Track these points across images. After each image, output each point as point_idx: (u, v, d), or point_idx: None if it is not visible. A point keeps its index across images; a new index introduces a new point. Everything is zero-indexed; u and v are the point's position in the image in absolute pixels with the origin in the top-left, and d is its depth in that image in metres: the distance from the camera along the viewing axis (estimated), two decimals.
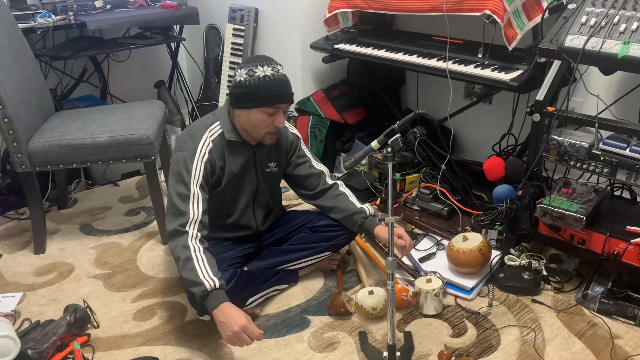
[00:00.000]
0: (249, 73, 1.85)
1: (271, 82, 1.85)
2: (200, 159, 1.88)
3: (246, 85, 1.85)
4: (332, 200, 2.12)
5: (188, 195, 1.84)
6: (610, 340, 1.84)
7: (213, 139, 1.93)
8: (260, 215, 2.12)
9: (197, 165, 1.87)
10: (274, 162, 2.09)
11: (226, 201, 2.02)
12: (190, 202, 1.84)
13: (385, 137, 1.81)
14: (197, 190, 1.85)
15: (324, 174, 2.16)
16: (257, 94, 1.85)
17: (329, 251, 2.16)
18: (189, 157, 1.88)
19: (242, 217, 2.07)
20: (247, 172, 2.02)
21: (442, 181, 2.65)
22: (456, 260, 2.14)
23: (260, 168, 2.05)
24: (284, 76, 1.90)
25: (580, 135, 2.01)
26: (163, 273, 2.29)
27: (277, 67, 1.89)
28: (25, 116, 2.33)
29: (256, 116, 1.88)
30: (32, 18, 2.81)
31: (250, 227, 2.11)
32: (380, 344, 1.85)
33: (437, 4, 2.36)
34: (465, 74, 2.39)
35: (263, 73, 1.85)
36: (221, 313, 1.70)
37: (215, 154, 1.92)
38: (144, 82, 3.58)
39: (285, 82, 1.91)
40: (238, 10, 3.33)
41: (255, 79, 1.84)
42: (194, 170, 1.86)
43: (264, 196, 2.10)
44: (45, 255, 2.44)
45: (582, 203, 2.03)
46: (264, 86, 1.84)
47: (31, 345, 1.76)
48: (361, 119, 3.14)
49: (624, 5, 1.84)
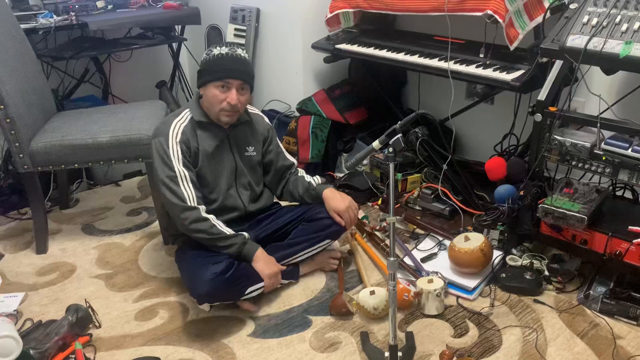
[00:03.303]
0: (207, 52, 2.00)
1: (223, 58, 1.97)
2: (174, 139, 1.98)
3: (203, 63, 2.00)
4: (292, 185, 2.24)
5: (176, 176, 1.95)
6: (613, 340, 1.84)
7: (184, 124, 2.03)
8: (246, 195, 2.16)
9: (172, 146, 1.97)
10: (252, 147, 2.17)
11: (208, 183, 2.07)
12: (181, 183, 1.96)
13: (386, 137, 1.81)
14: (182, 169, 1.97)
15: (294, 165, 2.29)
16: (210, 69, 1.98)
17: (329, 239, 2.18)
18: (164, 140, 1.98)
19: (226, 198, 2.11)
20: (222, 152, 2.09)
21: (444, 181, 2.64)
22: (458, 261, 2.14)
23: (236, 149, 2.13)
24: (239, 55, 1.99)
25: (582, 135, 2.01)
26: (165, 273, 2.29)
27: (235, 48, 1.99)
28: (27, 116, 2.33)
29: (210, 91, 1.98)
30: (34, 18, 2.81)
31: (237, 207, 2.14)
32: (381, 344, 1.85)
33: (439, 4, 2.36)
34: (466, 73, 2.39)
35: (218, 51, 1.98)
36: (262, 256, 2.00)
37: (189, 135, 2.02)
38: (146, 82, 3.59)
39: (239, 60, 1.99)
40: (239, 10, 3.33)
41: (210, 57, 1.98)
42: (172, 152, 1.97)
43: (245, 177, 2.15)
44: (47, 255, 2.44)
45: (584, 203, 2.02)
46: (216, 62, 1.97)
47: (33, 345, 1.76)
48: (363, 119, 3.14)
49: (626, 5, 1.84)
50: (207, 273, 1.86)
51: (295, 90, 3.21)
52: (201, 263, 1.92)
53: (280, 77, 3.34)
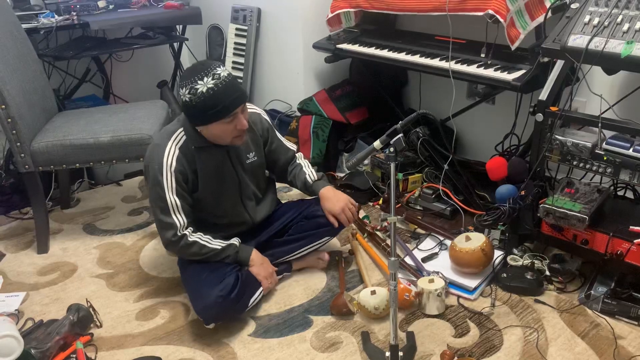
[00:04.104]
0: (191, 92, 1.78)
1: (216, 94, 1.77)
2: (168, 169, 1.87)
3: (193, 105, 1.79)
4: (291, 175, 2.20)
5: (167, 207, 1.89)
6: (614, 340, 1.84)
7: (180, 146, 1.90)
8: (252, 207, 2.14)
9: (166, 176, 1.87)
10: (252, 152, 2.08)
11: (211, 202, 2.02)
12: (172, 213, 1.90)
13: (387, 137, 1.81)
14: (175, 198, 1.89)
15: (294, 152, 2.23)
16: (207, 110, 1.79)
17: (327, 236, 2.19)
18: (158, 169, 1.87)
19: (234, 215, 2.09)
20: (224, 171, 2.01)
21: (445, 181, 2.64)
22: (459, 260, 2.14)
23: (238, 163, 2.04)
24: (227, 80, 1.80)
25: (583, 135, 2.01)
26: (166, 273, 2.29)
27: (218, 73, 1.79)
28: (29, 116, 2.33)
29: (216, 128, 1.86)
30: (36, 18, 2.82)
31: (245, 222, 2.12)
32: (382, 344, 1.85)
33: (440, 3, 2.36)
34: (468, 73, 2.38)
35: (205, 87, 1.77)
36: (257, 259, 2.03)
37: (184, 161, 1.90)
38: (147, 82, 3.59)
39: (231, 85, 1.81)
40: (241, 10, 3.33)
41: (199, 96, 1.77)
42: (165, 182, 1.87)
43: (249, 188, 2.11)
44: (48, 255, 2.44)
45: (585, 203, 2.02)
46: (211, 100, 1.77)
47: (34, 344, 1.77)
48: (364, 119, 3.14)
49: (627, 4, 1.84)
50: (213, 295, 1.84)
51: (296, 90, 3.21)
52: (207, 281, 1.89)
53: (281, 77, 3.34)
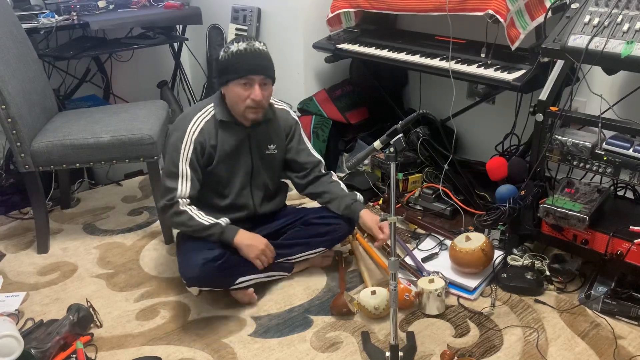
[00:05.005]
0: (225, 50, 1.95)
1: (242, 55, 1.91)
2: (190, 137, 1.96)
3: (222, 62, 1.95)
4: (324, 186, 2.18)
5: (177, 173, 1.95)
6: (614, 340, 1.84)
7: (206, 119, 2.00)
8: (259, 196, 2.15)
9: (186, 144, 1.95)
10: (274, 145, 2.12)
11: (222, 181, 2.06)
12: (179, 179, 1.95)
13: (387, 137, 1.81)
14: (187, 168, 1.95)
15: (322, 163, 2.22)
16: (230, 67, 1.92)
17: (323, 247, 2.18)
18: (180, 136, 1.97)
19: (239, 197, 2.10)
20: (241, 152, 2.06)
21: (445, 181, 2.64)
22: (459, 260, 2.14)
23: (256, 149, 2.08)
24: (258, 49, 1.93)
25: (584, 135, 2.01)
26: (166, 273, 2.29)
27: (253, 43, 1.93)
28: (29, 116, 2.33)
29: (233, 90, 1.94)
30: (36, 18, 2.82)
31: (247, 207, 2.13)
32: (382, 344, 1.85)
33: (440, 3, 2.36)
34: (468, 73, 2.39)
35: (236, 48, 1.92)
36: (245, 237, 1.98)
37: (207, 133, 1.99)
38: (147, 82, 3.59)
39: (259, 54, 1.93)
40: (241, 10, 3.33)
41: (229, 54, 1.93)
42: (183, 150, 1.95)
43: (260, 177, 2.13)
44: (48, 254, 2.44)
45: (585, 203, 2.02)
46: (236, 59, 1.91)
47: (34, 344, 1.76)
48: (364, 119, 3.14)
49: (627, 4, 1.84)
50: (199, 258, 1.90)
51: (297, 90, 3.21)
52: (196, 247, 1.96)
53: (281, 76, 3.29)
